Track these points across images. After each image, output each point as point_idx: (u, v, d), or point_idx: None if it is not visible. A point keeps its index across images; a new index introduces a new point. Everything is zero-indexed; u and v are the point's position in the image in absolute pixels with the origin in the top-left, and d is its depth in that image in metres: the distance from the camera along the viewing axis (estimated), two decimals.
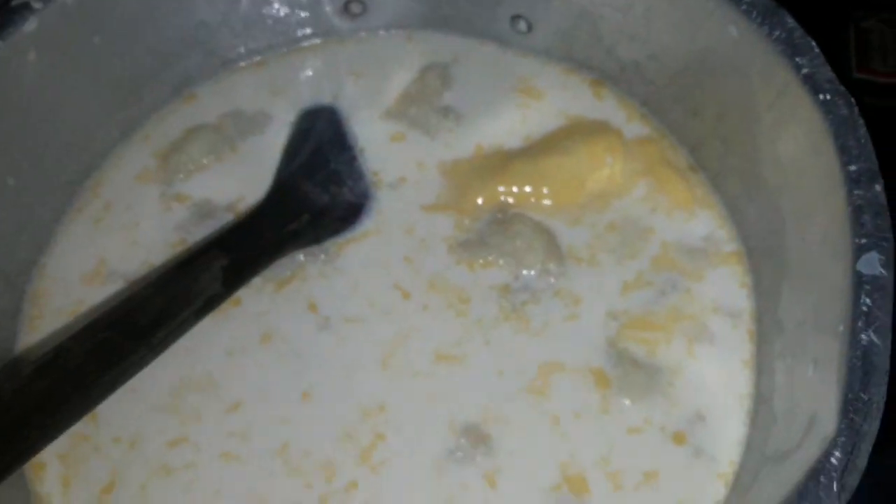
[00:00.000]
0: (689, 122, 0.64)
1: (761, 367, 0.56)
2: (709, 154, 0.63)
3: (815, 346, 0.49)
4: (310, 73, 0.70)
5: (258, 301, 0.60)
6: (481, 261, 0.60)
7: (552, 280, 0.60)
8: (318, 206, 0.62)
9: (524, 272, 0.60)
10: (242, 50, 0.70)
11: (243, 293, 0.59)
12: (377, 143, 0.66)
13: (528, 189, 0.62)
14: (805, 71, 0.51)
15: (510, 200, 0.62)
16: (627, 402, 0.55)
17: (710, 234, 0.61)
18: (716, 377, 0.56)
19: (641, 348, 0.57)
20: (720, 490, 0.53)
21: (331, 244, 0.62)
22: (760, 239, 0.59)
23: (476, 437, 0.54)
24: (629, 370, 0.56)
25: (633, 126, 0.66)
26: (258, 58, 0.70)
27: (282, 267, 0.60)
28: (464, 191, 0.63)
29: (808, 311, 0.51)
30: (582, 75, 0.68)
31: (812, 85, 0.51)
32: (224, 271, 0.56)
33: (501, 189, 0.62)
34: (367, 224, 0.63)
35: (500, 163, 0.64)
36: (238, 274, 0.57)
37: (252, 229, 0.60)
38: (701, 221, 0.62)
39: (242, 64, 0.70)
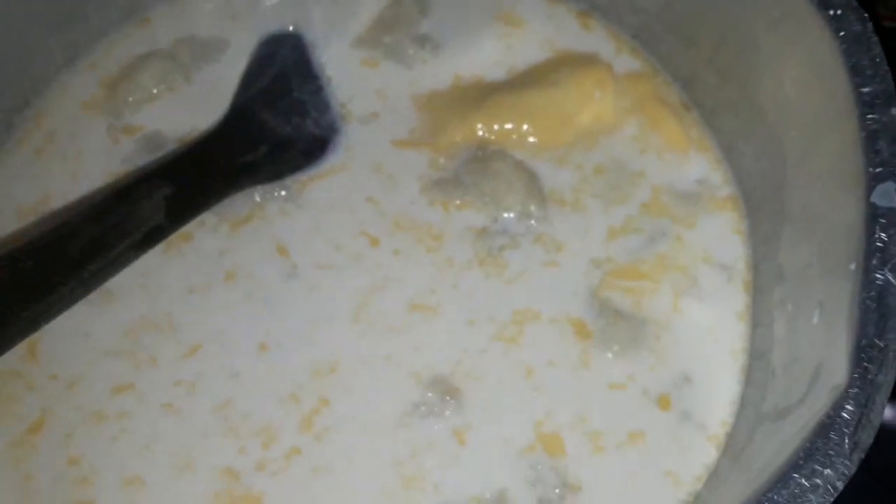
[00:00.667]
0: (683, 54, 0.59)
1: (758, 320, 0.52)
2: (703, 88, 0.59)
3: (821, 289, 0.44)
4: None
5: (214, 239, 0.54)
6: (458, 201, 0.55)
7: (533, 223, 0.55)
8: (278, 137, 0.57)
9: (503, 215, 0.55)
10: None
11: (196, 230, 0.54)
12: (347, 72, 0.60)
13: (509, 125, 0.57)
14: None
15: (490, 137, 0.57)
16: (610, 355, 0.51)
17: (705, 177, 0.57)
18: (706, 331, 0.52)
19: (626, 299, 0.52)
20: (711, 453, 0.49)
21: (292, 181, 0.56)
22: (759, 179, 0.55)
23: (444, 391, 0.50)
24: (612, 322, 0.52)
25: (624, 59, 0.61)
26: None
27: (237, 205, 0.55)
28: (440, 126, 0.58)
29: (814, 252, 0.46)
30: (569, 4, 0.63)
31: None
32: (167, 201, 0.51)
33: (480, 125, 0.57)
34: (332, 160, 0.57)
35: (480, 96, 0.59)
36: (184, 205, 0.52)
37: (201, 157, 0.55)
38: (695, 164, 0.57)
39: None
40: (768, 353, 0.49)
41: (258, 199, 0.56)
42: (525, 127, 0.57)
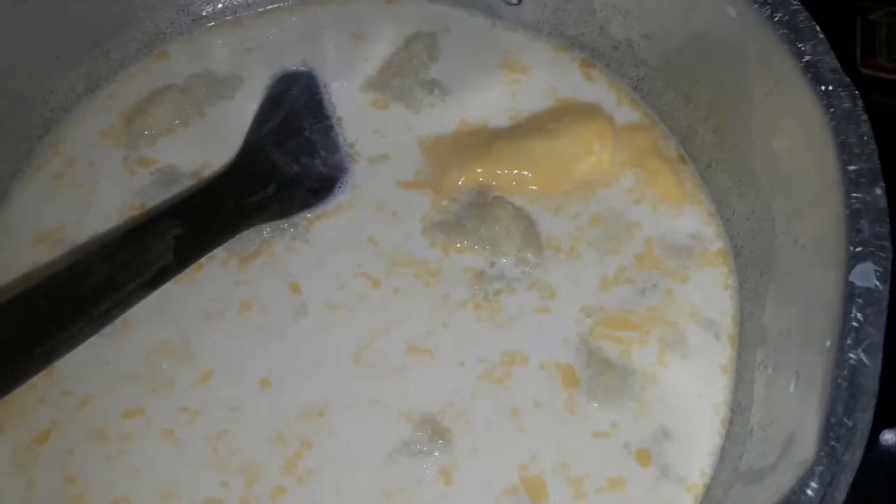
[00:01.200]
0: (681, 109, 0.61)
1: (741, 376, 0.53)
2: (699, 144, 0.60)
3: (799, 359, 0.45)
4: (287, 35, 0.66)
5: (226, 271, 0.56)
6: (458, 245, 0.57)
7: (528, 270, 0.56)
8: (287, 176, 0.59)
9: (501, 260, 0.56)
10: (216, 7, 0.66)
11: (206, 262, 0.56)
12: (356, 113, 0.62)
13: (511, 172, 0.59)
14: (807, 58, 0.47)
15: (493, 183, 0.59)
16: (595, 404, 0.52)
17: (698, 231, 0.58)
18: (689, 386, 0.53)
19: (615, 348, 0.54)
20: (688, 502, 0.50)
21: (300, 218, 0.58)
22: (748, 238, 0.56)
23: (434, 431, 0.51)
24: (601, 371, 0.53)
25: (624, 110, 0.62)
26: (231, 17, 0.67)
27: (246, 240, 0.57)
28: (444, 169, 0.59)
29: (794, 320, 0.48)
30: (573, 53, 0.65)
31: (814, 74, 0.47)
32: (177, 241, 0.53)
33: (482, 170, 0.59)
34: (339, 198, 0.59)
35: (484, 142, 0.60)
36: (193, 245, 0.54)
37: (211, 198, 0.57)
38: (689, 218, 0.58)
39: (214, 23, 0.66)
40: (748, 410, 0.50)
41: (266, 234, 0.57)
42: (525, 174, 0.59)
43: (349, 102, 0.63)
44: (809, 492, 0.37)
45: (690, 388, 0.53)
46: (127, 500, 0.50)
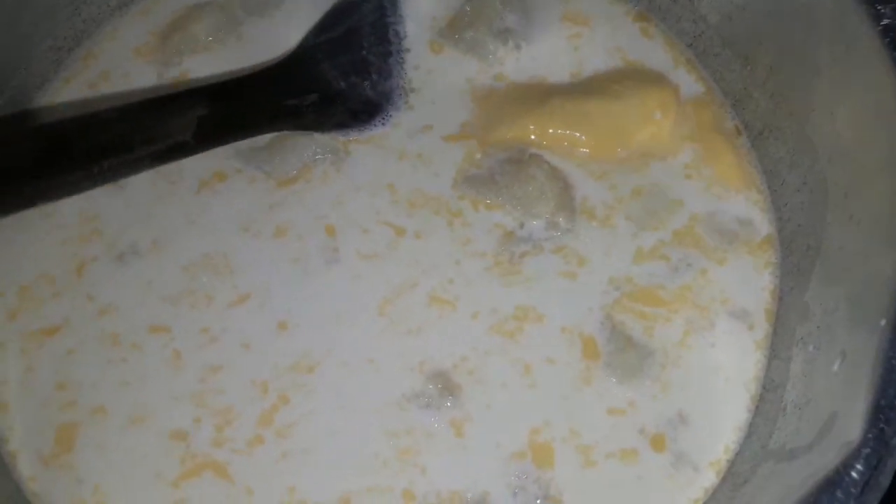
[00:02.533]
0: (738, 71, 0.58)
1: (776, 352, 0.51)
2: (753, 109, 0.58)
3: (846, 338, 0.44)
4: None
5: (263, 192, 0.55)
6: (487, 201, 0.55)
7: (558, 235, 0.54)
8: (331, 89, 0.56)
9: (531, 221, 0.54)
10: None
11: (238, 180, 0.54)
12: (419, 52, 0.60)
13: (564, 131, 0.56)
14: (886, 21, 0.45)
15: (543, 142, 0.56)
16: (614, 380, 0.50)
17: (749, 218, 0.55)
18: (716, 367, 0.51)
19: (639, 324, 0.52)
20: (711, 478, 0.49)
21: (335, 146, 0.56)
22: (797, 210, 0.54)
23: (445, 387, 0.50)
24: (622, 347, 0.51)
25: (687, 80, 0.59)
26: None
27: (285, 164, 0.55)
28: (494, 121, 0.57)
29: (843, 298, 0.46)
30: (628, 6, 0.62)
31: (892, 39, 0.44)
32: (199, 121, 0.51)
33: (534, 126, 0.56)
34: (375, 130, 0.57)
35: (540, 97, 0.57)
36: (214, 129, 0.52)
37: (246, 89, 0.55)
38: (741, 203, 0.56)
39: None
40: (782, 386, 0.49)
41: (307, 159, 0.55)
42: (579, 135, 0.56)
43: (416, 39, 0.60)
44: (854, 474, 0.36)
45: (716, 372, 0.51)
46: (103, 410, 0.50)
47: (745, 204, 0.56)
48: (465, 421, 0.50)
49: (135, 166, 0.49)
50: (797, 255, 0.53)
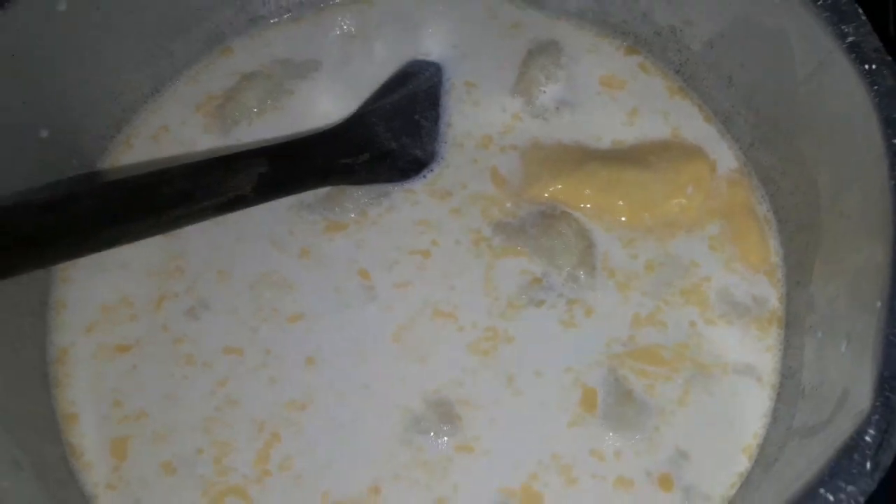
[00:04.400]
0: (723, 91, 0.63)
1: (790, 342, 0.56)
2: (742, 125, 0.62)
3: (848, 321, 0.48)
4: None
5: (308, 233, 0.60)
6: (518, 248, 0.59)
7: (576, 287, 0.58)
8: (383, 149, 0.61)
9: (553, 272, 0.58)
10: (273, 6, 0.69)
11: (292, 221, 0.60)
12: (463, 111, 0.64)
13: (596, 195, 0.59)
14: (850, 39, 0.50)
15: (580, 204, 0.59)
16: (611, 433, 0.54)
17: (763, 296, 0.58)
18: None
19: (640, 381, 0.55)
20: (743, 462, 0.53)
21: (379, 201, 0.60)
22: (793, 211, 0.58)
23: (445, 415, 0.54)
24: (621, 401, 0.54)
25: (727, 159, 0.62)
26: (288, 15, 0.69)
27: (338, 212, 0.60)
28: (532, 178, 0.60)
29: (842, 286, 0.50)
30: (616, 41, 0.67)
31: (858, 54, 0.49)
32: (260, 178, 0.55)
33: (570, 188, 0.59)
34: (418, 183, 0.61)
35: (579, 159, 0.60)
36: (273, 184, 0.56)
37: (305, 149, 0.60)
38: (760, 283, 0.58)
39: (274, 20, 0.69)
40: (798, 372, 0.53)
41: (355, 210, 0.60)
42: (610, 201, 0.59)
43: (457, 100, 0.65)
44: (867, 437, 0.40)
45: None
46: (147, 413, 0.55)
47: (763, 285, 0.58)
48: (465, 450, 0.53)
49: (200, 216, 0.54)
50: (798, 252, 0.57)
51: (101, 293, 0.58)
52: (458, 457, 0.53)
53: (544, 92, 0.64)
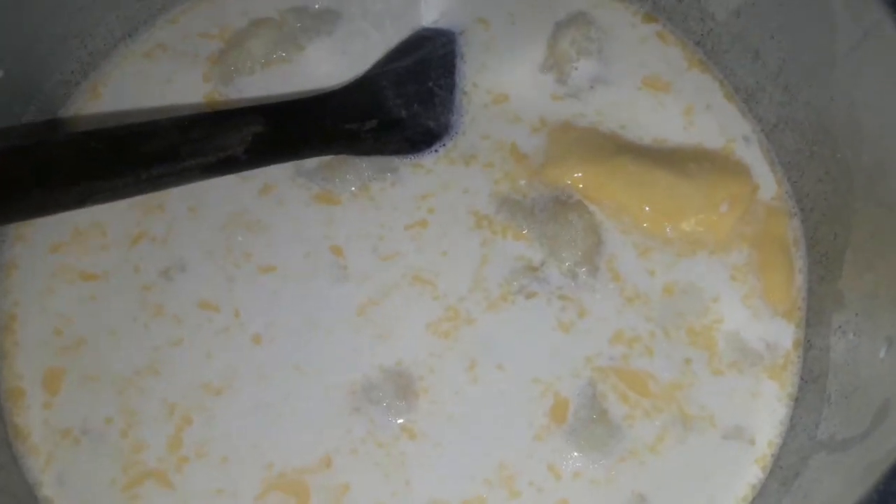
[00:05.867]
0: (748, 66, 0.58)
1: (811, 343, 0.51)
2: (766, 103, 0.58)
3: (890, 324, 0.43)
4: None
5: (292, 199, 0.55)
6: (524, 231, 0.54)
7: (574, 286, 0.53)
8: (392, 116, 0.56)
9: (552, 263, 0.53)
10: None
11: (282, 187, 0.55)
12: (483, 82, 0.59)
13: (620, 191, 0.54)
14: None
15: (597, 195, 0.54)
16: (576, 453, 0.49)
17: (777, 342, 0.52)
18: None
19: (621, 406, 0.50)
20: (757, 473, 0.49)
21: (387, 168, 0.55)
22: (820, 200, 0.54)
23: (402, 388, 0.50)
24: (594, 419, 0.50)
25: (770, 188, 0.56)
26: None
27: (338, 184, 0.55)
28: (557, 158, 0.55)
29: (882, 284, 0.46)
30: (634, 6, 0.62)
31: None
32: (254, 138, 0.50)
33: (593, 177, 0.54)
34: (428, 158, 0.56)
35: (612, 150, 0.55)
36: (269, 147, 0.51)
37: (308, 111, 0.55)
38: (777, 326, 0.53)
39: None
40: (822, 377, 0.49)
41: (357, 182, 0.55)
42: (634, 201, 0.54)
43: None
44: None
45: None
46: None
47: (780, 329, 0.53)
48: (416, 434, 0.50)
49: (183, 177, 0.49)
50: (824, 243, 0.53)
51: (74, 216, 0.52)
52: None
53: (576, 69, 0.59)
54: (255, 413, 0.50)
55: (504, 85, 0.58)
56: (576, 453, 0.49)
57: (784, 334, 0.53)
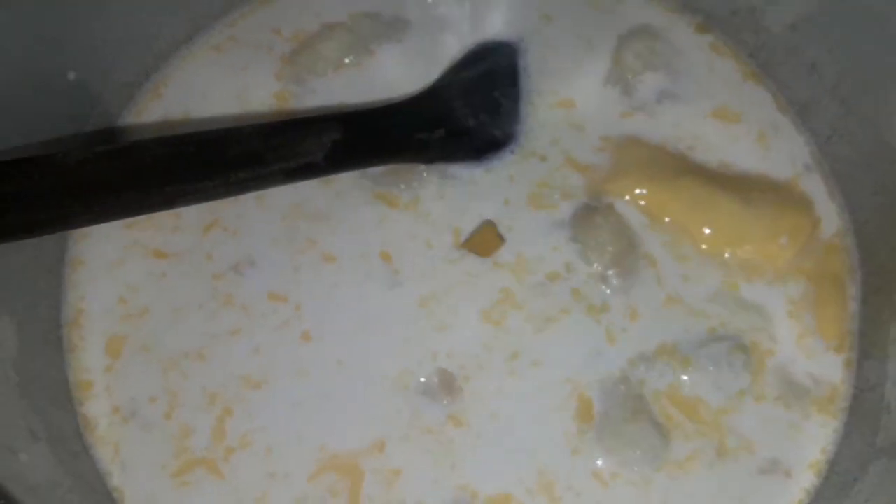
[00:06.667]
0: (803, 79, 0.58)
1: (866, 352, 0.52)
2: (821, 115, 0.58)
3: None
4: None
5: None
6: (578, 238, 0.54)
7: (605, 290, 0.53)
8: (459, 126, 0.58)
9: (581, 266, 0.54)
10: None
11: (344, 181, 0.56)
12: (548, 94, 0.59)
13: (683, 212, 0.54)
14: None
15: (658, 213, 0.54)
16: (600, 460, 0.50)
17: (823, 377, 0.52)
18: None
19: (664, 420, 0.50)
20: (811, 479, 0.50)
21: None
22: (874, 212, 0.54)
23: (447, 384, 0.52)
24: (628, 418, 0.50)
25: (829, 207, 0.57)
26: None
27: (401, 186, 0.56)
28: (620, 171, 0.56)
29: None
30: (686, 17, 0.62)
31: None
32: (333, 145, 0.52)
33: (656, 196, 0.54)
34: (492, 165, 0.57)
35: (677, 169, 0.55)
36: (346, 154, 0.53)
37: (380, 120, 0.56)
38: (826, 363, 0.53)
39: None
40: (880, 386, 0.49)
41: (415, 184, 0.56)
42: (695, 223, 0.54)
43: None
44: None
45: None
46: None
47: (827, 363, 0.53)
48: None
49: (267, 181, 0.51)
50: (882, 254, 0.53)
51: None
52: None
53: (642, 82, 0.59)
54: (296, 408, 0.51)
55: (569, 95, 0.59)
56: (604, 458, 0.50)
57: (831, 368, 0.52)
